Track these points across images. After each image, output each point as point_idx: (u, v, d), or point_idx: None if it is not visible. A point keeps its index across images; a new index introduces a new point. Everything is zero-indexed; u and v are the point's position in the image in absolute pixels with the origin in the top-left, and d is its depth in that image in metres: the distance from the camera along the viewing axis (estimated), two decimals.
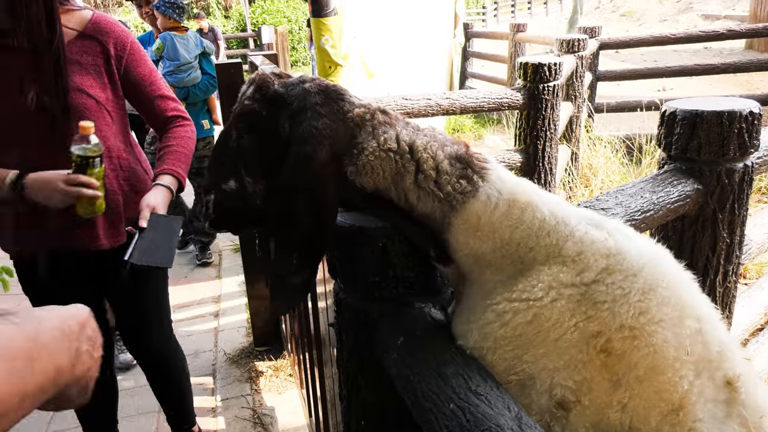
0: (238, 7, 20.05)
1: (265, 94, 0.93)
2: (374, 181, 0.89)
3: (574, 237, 0.84)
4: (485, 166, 0.87)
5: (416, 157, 0.88)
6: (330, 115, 0.90)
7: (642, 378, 0.80)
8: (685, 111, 1.60)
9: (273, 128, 0.92)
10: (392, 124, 0.91)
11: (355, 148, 0.89)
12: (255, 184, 0.97)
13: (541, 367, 0.83)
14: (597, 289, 0.81)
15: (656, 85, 11.04)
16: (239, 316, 3.77)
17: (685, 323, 0.82)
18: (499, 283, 0.88)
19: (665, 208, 1.52)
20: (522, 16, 30.14)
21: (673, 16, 22.83)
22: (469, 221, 0.86)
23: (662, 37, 6.05)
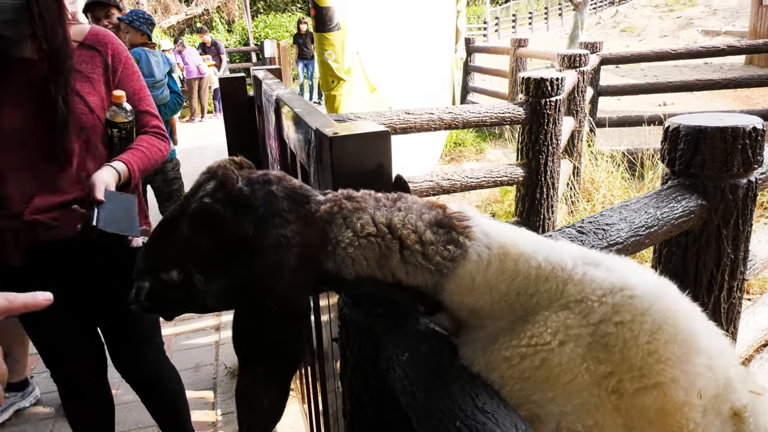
0: (241, 22, 20.20)
1: (229, 194, 0.89)
2: (356, 270, 0.86)
3: (573, 279, 0.82)
4: (468, 224, 0.85)
5: (397, 235, 0.85)
6: (298, 220, 0.87)
7: (652, 420, 0.78)
8: (688, 127, 1.60)
9: (235, 232, 0.88)
10: (363, 208, 0.87)
11: (329, 245, 0.86)
12: (208, 283, 0.91)
13: (548, 411, 0.81)
14: (606, 331, 0.79)
15: (657, 100, 11.10)
16: None
17: (692, 360, 0.80)
18: (501, 327, 0.85)
19: (669, 224, 1.52)
20: (523, 32, 30.36)
21: (673, 31, 22.98)
22: (463, 284, 0.84)
23: (663, 53, 6.09)
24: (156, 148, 1.97)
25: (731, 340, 1.86)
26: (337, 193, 0.91)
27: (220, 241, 0.89)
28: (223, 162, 0.94)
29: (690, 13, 24.71)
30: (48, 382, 3.14)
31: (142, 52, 4.03)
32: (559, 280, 0.82)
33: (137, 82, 1.96)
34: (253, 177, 0.91)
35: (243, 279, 0.87)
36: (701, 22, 23.02)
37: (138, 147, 1.92)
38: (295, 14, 21.99)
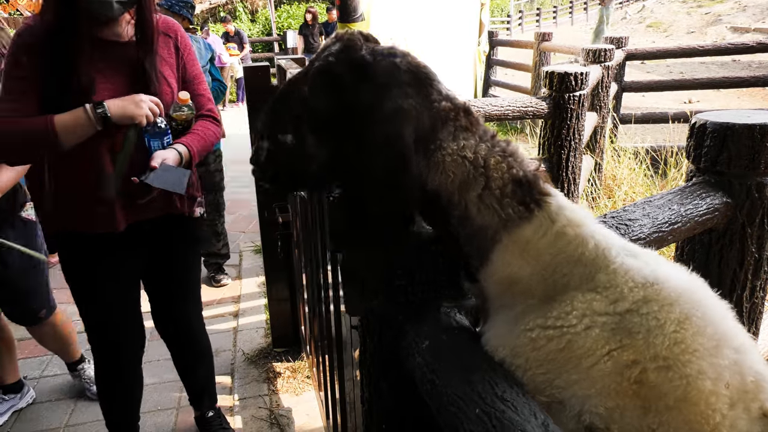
0: (264, 12, 20.23)
1: (352, 58, 0.88)
2: (441, 181, 0.88)
3: (608, 268, 0.84)
4: (546, 194, 0.87)
5: (488, 174, 0.87)
6: (417, 97, 0.86)
7: (672, 407, 0.79)
8: (715, 123, 1.58)
9: (354, 97, 0.87)
10: (473, 132, 0.89)
11: (433, 143, 0.87)
12: (319, 147, 0.90)
13: (572, 393, 0.82)
14: (632, 320, 0.81)
15: (682, 97, 10.93)
16: (258, 317, 3.80)
17: (722, 353, 0.80)
18: (530, 306, 0.87)
19: (693, 221, 1.51)
20: (547, 26, 30.02)
21: (701, 28, 22.56)
22: (518, 243, 0.86)
23: (690, 49, 5.99)
24: (210, 132, 2.12)
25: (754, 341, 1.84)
26: (458, 98, 0.92)
27: (337, 104, 0.88)
28: (350, 31, 0.94)
29: (719, 9, 24.21)
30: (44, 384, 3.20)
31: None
32: (596, 266, 0.84)
33: (196, 66, 2.13)
34: (378, 48, 0.91)
35: (353, 147, 0.87)
36: (730, 18, 22.55)
37: (195, 131, 2.07)
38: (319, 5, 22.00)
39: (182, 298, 2.39)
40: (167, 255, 2.26)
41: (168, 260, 2.27)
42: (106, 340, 2.22)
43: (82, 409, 2.95)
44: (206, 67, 3.80)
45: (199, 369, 2.57)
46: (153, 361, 3.35)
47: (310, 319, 2.42)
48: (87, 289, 2.12)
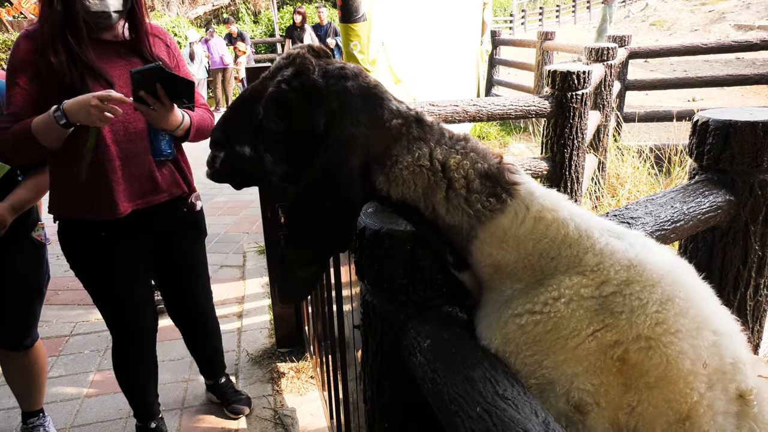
0: (267, 13, 20.26)
1: (304, 84, 0.91)
2: (403, 192, 0.90)
3: (594, 249, 0.85)
4: (516, 181, 0.88)
5: (448, 176, 0.89)
6: (368, 123, 0.89)
7: (652, 385, 0.81)
8: (718, 121, 1.58)
9: (306, 123, 0.91)
10: (426, 139, 0.91)
11: (389, 160, 0.90)
12: (275, 164, 0.96)
13: (561, 372, 0.84)
14: (615, 300, 0.83)
15: (686, 95, 10.89)
16: (262, 317, 3.80)
17: (702, 335, 0.82)
18: (518, 291, 0.89)
19: (696, 219, 1.50)
20: (549, 24, 29.97)
21: (704, 25, 22.49)
22: (495, 234, 0.87)
23: (693, 47, 5.97)
24: (207, 115, 2.30)
25: (757, 338, 1.84)
26: (411, 108, 0.94)
27: (291, 128, 0.92)
28: (301, 49, 0.96)
29: (723, 6, 24.13)
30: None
31: None
32: (581, 247, 0.85)
33: (185, 67, 2.32)
34: (329, 69, 0.93)
35: (307, 168, 0.91)
36: (734, 16, 22.47)
37: (197, 112, 2.24)
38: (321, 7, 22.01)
39: (191, 282, 2.57)
40: (173, 244, 2.42)
41: (174, 249, 2.44)
42: (121, 326, 2.38)
43: (89, 407, 2.96)
44: None
45: (211, 343, 2.80)
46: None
47: (314, 319, 2.42)
48: (99, 276, 2.24)
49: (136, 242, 2.27)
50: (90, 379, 3.23)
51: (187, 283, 2.57)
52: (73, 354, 3.50)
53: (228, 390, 2.90)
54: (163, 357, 3.27)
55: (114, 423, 2.85)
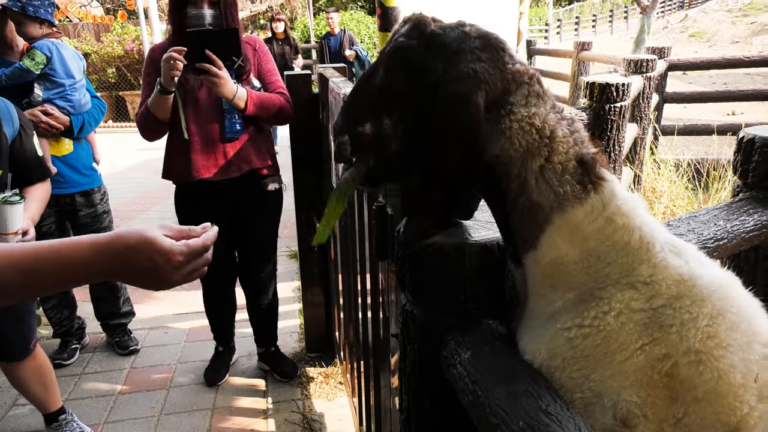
0: (303, 19, 20.50)
1: (422, 33, 0.90)
2: (506, 147, 0.86)
3: (650, 261, 0.84)
4: (603, 178, 0.86)
5: (552, 146, 0.85)
6: (489, 61, 0.86)
7: (700, 399, 0.80)
8: (764, 138, 1.55)
9: (426, 67, 0.88)
10: (545, 100, 0.88)
11: (504, 108, 0.86)
12: (395, 125, 0.92)
13: (608, 386, 0.84)
14: (664, 313, 0.82)
15: (725, 108, 10.65)
16: (292, 321, 3.84)
17: (753, 348, 0.81)
18: (568, 302, 0.88)
19: (739, 237, 1.48)
20: (586, 34, 29.66)
21: (746, 37, 21.98)
22: (569, 225, 0.85)
23: (735, 59, 5.85)
24: (276, 97, 2.64)
25: None
26: (530, 66, 0.91)
27: (412, 78, 0.89)
28: (418, 13, 0.96)
29: (765, 18, 23.55)
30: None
31: (51, 47, 2.98)
32: (637, 258, 0.84)
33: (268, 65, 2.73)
34: (446, 23, 0.92)
35: (426, 113, 0.87)
36: None
37: (261, 92, 2.63)
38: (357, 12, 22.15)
39: (256, 254, 2.97)
40: (244, 216, 2.83)
41: (244, 220, 2.84)
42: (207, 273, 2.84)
43: (122, 404, 3.03)
44: (83, 82, 3.15)
45: (267, 315, 3.16)
46: (189, 362, 3.42)
47: (346, 325, 2.44)
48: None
49: (213, 206, 2.74)
50: (124, 376, 3.30)
51: (255, 253, 2.96)
52: (108, 351, 3.58)
53: (278, 356, 3.25)
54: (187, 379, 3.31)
55: (146, 420, 2.90)
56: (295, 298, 4.19)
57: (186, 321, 3.93)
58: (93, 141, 3.36)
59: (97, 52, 12.60)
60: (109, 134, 10.92)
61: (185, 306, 4.11)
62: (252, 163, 2.70)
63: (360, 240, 1.81)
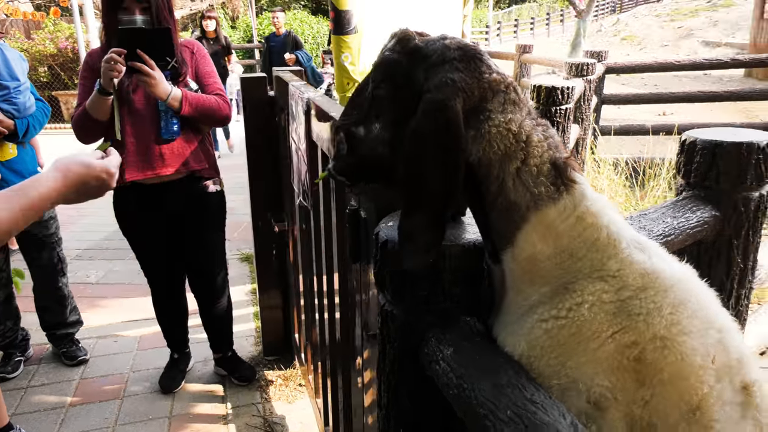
0: (245, 18, 20.19)
1: (405, 47, 0.96)
2: (485, 151, 0.92)
3: (617, 257, 0.91)
4: (574, 180, 0.93)
5: (528, 150, 0.91)
6: (466, 71, 0.92)
7: (666, 381, 0.88)
8: (705, 141, 1.67)
9: (409, 78, 0.95)
10: (521, 107, 0.94)
11: (482, 114, 0.92)
12: (383, 129, 0.99)
13: (582, 373, 0.90)
14: (632, 303, 0.89)
15: (656, 109, 11.19)
16: (247, 325, 3.81)
17: (709, 333, 0.90)
18: (544, 295, 0.94)
19: (685, 233, 1.59)
20: (524, 37, 30.46)
21: (674, 41, 23.12)
22: (543, 223, 0.92)
23: (667, 64, 6.17)
24: (213, 99, 2.64)
25: None
26: (507, 75, 0.97)
27: (396, 87, 0.96)
28: (403, 28, 1.02)
29: (691, 23, 24.86)
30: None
31: None
32: (606, 253, 0.91)
33: (206, 68, 2.73)
34: (429, 37, 0.99)
35: (409, 119, 0.93)
36: (702, 33, 23.16)
37: (197, 93, 2.62)
38: (300, 11, 21.98)
39: (203, 257, 2.94)
40: (185, 219, 2.81)
41: (186, 223, 2.82)
42: (151, 275, 2.96)
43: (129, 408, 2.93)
44: (27, 84, 3.06)
45: (222, 320, 3.14)
46: (142, 370, 3.35)
47: (308, 327, 2.45)
48: (127, 235, 2.84)
49: (153, 212, 2.73)
50: (73, 387, 3.20)
51: (203, 257, 2.94)
52: (55, 363, 3.46)
53: (235, 361, 3.24)
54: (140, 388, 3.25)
55: None
56: (249, 302, 4.16)
57: (136, 328, 3.84)
58: (37, 145, 3.25)
59: (28, 51, 12.05)
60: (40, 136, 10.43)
61: (135, 313, 4.01)
62: (189, 165, 2.69)
63: (328, 242, 1.84)
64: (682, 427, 0.88)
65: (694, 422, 0.87)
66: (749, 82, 14.72)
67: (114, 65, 2.29)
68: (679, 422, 0.88)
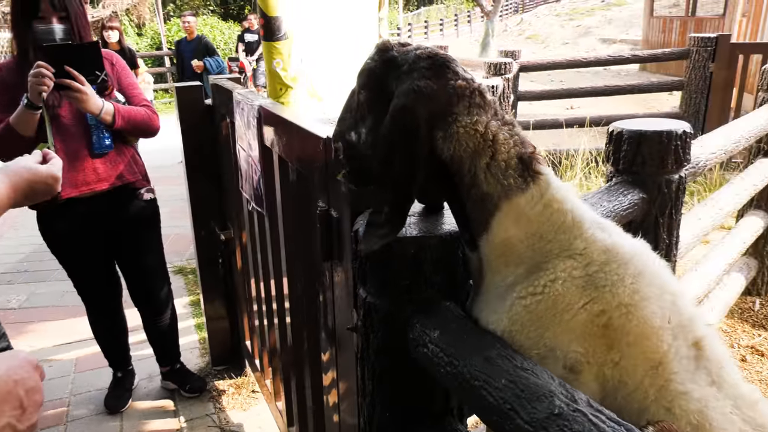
0: (153, 25, 19.51)
1: (383, 56, 1.05)
2: (456, 149, 1.02)
3: (582, 236, 1.03)
4: (540, 171, 1.04)
5: (495, 147, 1.02)
6: (433, 78, 1.01)
7: (632, 343, 1.00)
8: (630, 131, 1.85)
9: (384, 85, 1.04)
10: (486, 110, 1.04)
11: (450, 116, 1.02)
12: (367, 134, 1.07)
13: (558, 342, 1.01)
14: (598, 276, 1.01)
15: (565, 103, 11.83)
16: (191, 337, 3.75)
17: (664, 298, 1.03)
18: (519, 276, 1.05)
19: (619, 215, 1.75)
20: (434, 38, 31.18)
21: (574, 39, 24.44)
22: (514, 210, 1.02)
23: (575, 61, 6.57)
24: (143, 110, 2.62)
25: None
26: (474, 80, 1.06)
27: (374, 94, 1.06)
28: (385, 38, 1.13)
29: (588, 22, 26.38)
30: None
31: None
32: (572, 234, 1.03)
33: (127, 79, 2.68)
34: (406, 46, 1.07)
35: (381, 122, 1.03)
36: (599, 30, 24.63)
37: (128, 106, 2.60)
38: (210, 17, 21.49)
39: (144, 269, 2.89)
40: (124, 231, 2.76)
41: (125, 235, 2.78)
42: (87, 294, 2.85)
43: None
44: None
45: (167, 333, 3.09)
46: (84, 392, 3.23)
47: (265, 332, 2.47)
48: (60, 255, 2.72)
49: (86, 226, 2.64)
50: None
51: (143, 269, 2.89)
52: None
53: (184, 373, 3.19)
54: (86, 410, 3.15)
55: None
56: (188, 314, 4.08)
57: (71, 351, 3.68)
58: None
59: None
60: None
61: (66, 335, 3.84)
62: (124, 178, 2.66)
63: (290, 244, 1.88)
64: (647, 381, 1.00)
65: (657, 376, 1.00)
66: (644, 75, 15.82)
67: (42, 79, 2.22)
68: (644, 378, 1.00)
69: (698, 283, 2.80)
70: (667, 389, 0.99)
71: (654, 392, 0.99)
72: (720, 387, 1.02)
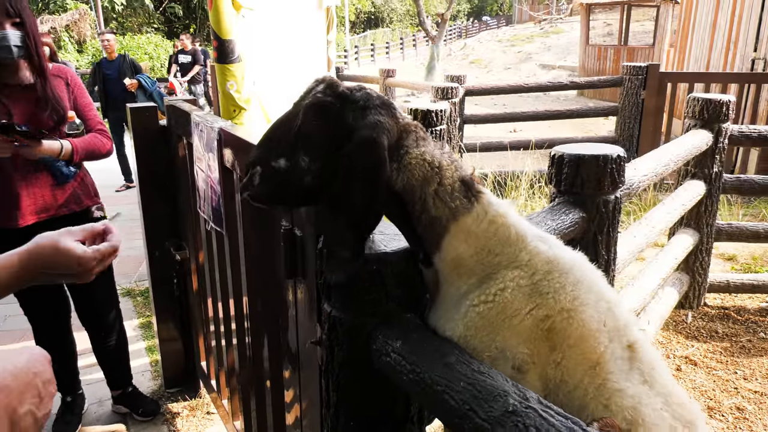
0: (94, 42, 19.06)
1: (335, 91, 1.12)
2: (408, 179, 1.12)
3: (526, 248, 1.14)
4: (481, 191, 1.15)
5: (441, 173, 1.13)
6: (387, 114, 1.12)
7: (572, 345, 1.11)
8: (570, 155, 2.00)
9: (341, 118, 1.11)
10: (428, 141, 1.15)
11: (401, 149, 1.12)
12: (311, 162, 1.12)
13: (507, 345, 1.12)
14: (542, 284, 1.12)
15: (508, 127, 12.26)
16: (142, 360, 3.68)
17: (600, 304, 1.14)
18: (472, 286, 1.15)
19: (562, 233, 1.89)
20: (381, 60, 31.67)
21: (515, 64, 25.32)
22: (462, 230, 1.13)
23: (517, 86, 6.86)
24: (97, 139, 2.68)
25: None
26: (412, 120, 1.18)
27: (329, 126, 1.11)
28: (327, 75, 1.18)
29: (528, 48, 27.42)
30: None
31: None
32: (518, 247, 1.14)
33: (83, 99, 2.71)
34: (351, 87, 1.16)
35: (341, 155, 1.09)
36: (538, 56, 25.63)
37: (83, 138, 2.64)
38: (155, 35, 21.17)
39: (98, 294, 2.88)
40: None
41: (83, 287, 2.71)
42: (35, 316, 2.82)
43: None
44: None
45: (117, 356, 3.07)
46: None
47: (223, 352, 2.48)
48: None
49: None
50: None
51: (92, 289, 2.81)
52: None
53: (136, 396, 3.15)
54: None
55: None
56: (138, 337, 4.01)
57: None
58: None
59: None
60: None
61: None
62: (82, 203, 2.71)
63: (251, 264, 1.92)
64: (586, 380, 1.11)
65: (596, 375, 1.11)
66: (582, 100, 16.56)
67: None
68: (584, 377, 1.11)
69: (635, 297, 2.99)
70: (604, 387, 1.10)
71: (593, 390, 1.10)
72: (652, 386, 1.14)
